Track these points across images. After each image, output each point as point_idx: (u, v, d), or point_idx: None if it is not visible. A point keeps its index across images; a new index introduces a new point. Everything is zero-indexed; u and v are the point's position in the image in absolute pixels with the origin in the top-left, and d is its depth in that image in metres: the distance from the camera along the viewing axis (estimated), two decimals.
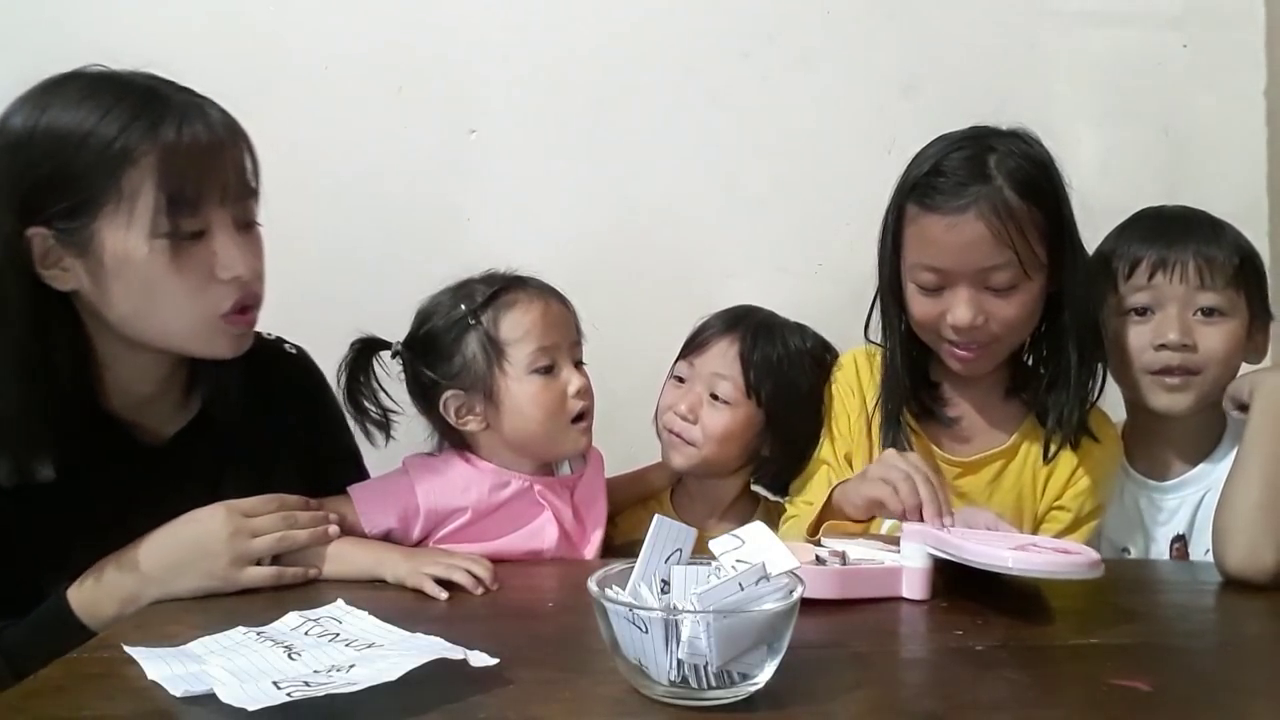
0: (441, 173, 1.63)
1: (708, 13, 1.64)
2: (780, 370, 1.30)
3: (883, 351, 1.27)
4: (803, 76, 1.65)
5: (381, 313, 1.19)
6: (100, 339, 1.01)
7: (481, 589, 1.00)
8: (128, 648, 0.78)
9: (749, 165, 1.65)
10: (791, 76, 1.65)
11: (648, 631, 0.69)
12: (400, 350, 1.17)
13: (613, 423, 1.26)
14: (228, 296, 1.00)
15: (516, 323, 1.14)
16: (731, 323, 1.33)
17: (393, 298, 1.21)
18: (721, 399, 1.29)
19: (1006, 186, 1.12)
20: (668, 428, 1.32)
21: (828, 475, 1.27)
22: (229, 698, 0.68)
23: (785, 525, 1.24)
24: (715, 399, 1.29)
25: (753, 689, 0.72)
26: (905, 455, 1.07)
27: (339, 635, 0.84)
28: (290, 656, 0.78)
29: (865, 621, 0.92)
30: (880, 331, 1.27)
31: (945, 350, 1.21)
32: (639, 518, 1.26)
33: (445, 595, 0.98)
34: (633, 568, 0.77)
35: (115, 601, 0.95)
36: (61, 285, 0.96)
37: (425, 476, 1.14)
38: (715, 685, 0.71)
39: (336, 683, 0.71)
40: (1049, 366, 1.22)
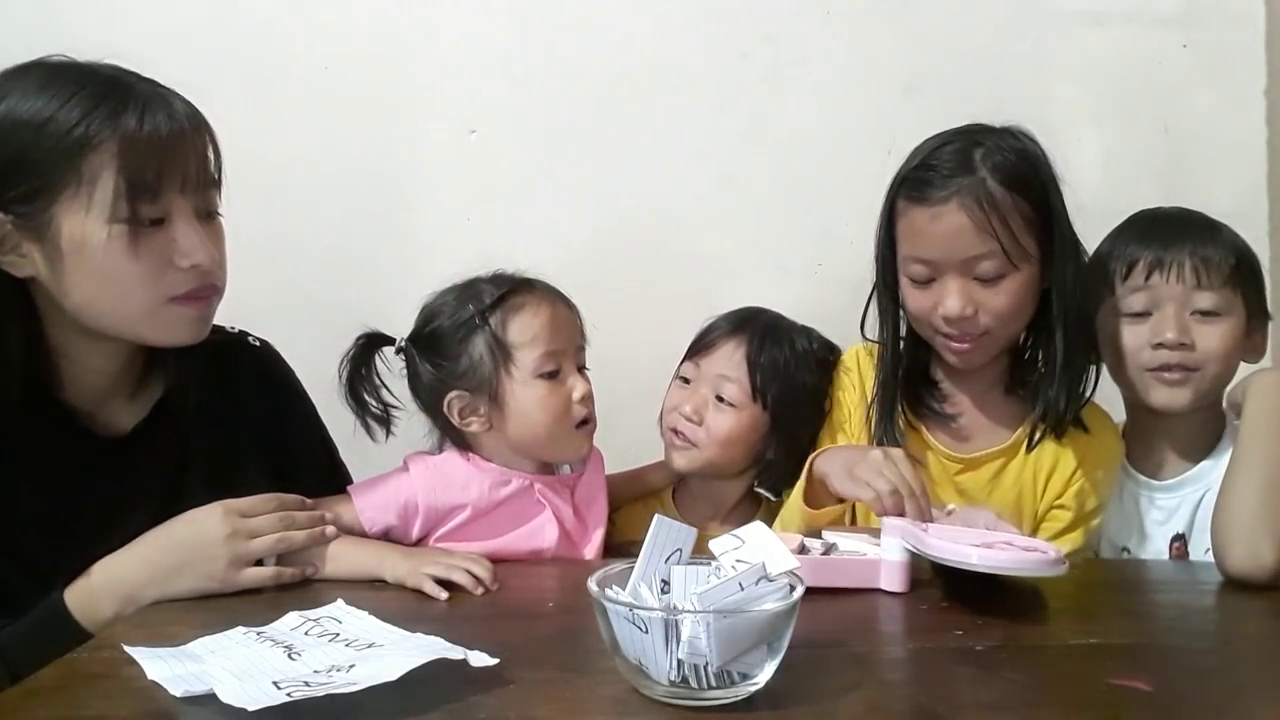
0: (441, 173, 1.64)
1: (708, 13, 1.64)
2: (786, 373, 1.30)
3: (879, 347, 1.28)
4: (803, 76, 1.65)
5: (381, 312, 1.19)
6: (56, 328, 1.00)
7: (481, 589, 1.00)
8: (128, 648, 0.78)
9: (749, 165, 1.65)
10: (791, 76, 1.65)
11: (648, 631, 0.69)
12: (405, 346, 1.17)
13: (614, 423, 1.26)
14: (184, 283, 0.99)
15: (525, 326, 1.14)
16: (738, 325, 1.33)
17: (392, 297, 1.22)
18: (727, 401, 1.29)
19: (990, 177, 1.13)
20: (672, 428, 1.32)
21: None
22: (229, 698, 0.68)
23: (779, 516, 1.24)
24: (721, 401, 1.29)
25: (753, 689, 0.72)
26: (893, 460, 1.07)
27: (339, 635, 0.84)
28: (290, 656, 0.78)
29: (865, 621, 0.92)
30: (877, 328, 1.28)
31: (941, 344, 1.21)
32: (638, 517, 1.26)
33: (445, 595, 0.98)
34: (633, 568, 0.77)
35: (113, 603, 0.95)
36: (18, 271, 0.96)
37: (425, 474, 1.14)
38: (715, 685, 0.71)
39: (336, 683, 0.71)
40: (1040, 358, 1.24)
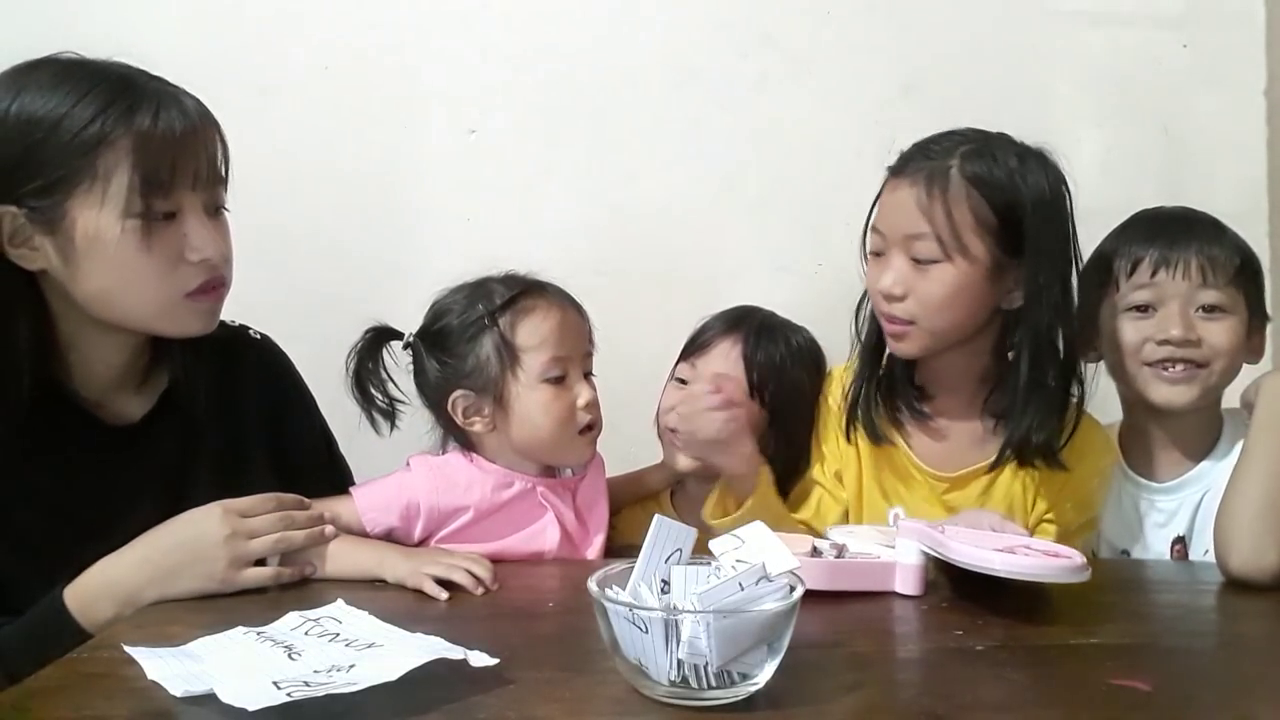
0: (441, 173, 1.64)
1: (707, 13, 1.64)
2: (783, 370, 1.30)
3: (859, 344, 1.28)
4: (803, 77, 1.65)
5: (381, 311, 1.19)
6: (64, 320, 1.01)
7: (481, 589, 1.00)
8: (128, 648, 0.78)
9: (749, 165, 1.65)
10: (791, 77, 1.65)
11: (648, 631, 0.69)
12: (412, 342, 1.17)
13: (613, 423, 1.25)
14: (195, 277, 1.01)
15: (534, 330, 1.13)
16: (733, 323, 1.33)
17: (392, 296, 1.22)
18: None
19: (956, 167, 1.13)
20: (670, 428, 1.32)
21: (821, 497, 1.28)
22: (229, 698, 0.68)
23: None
24: None
25: (753, 689, 0.72)
26: None
27: (339, 635, 0.84)
28: (290, 656, 0.78)
29: (865, 621, 0.92)
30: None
31: (883, 325, 1.21)
32: (638, 519, 1.26)
33: (445, 595, 0.98)
34: (633, 568, 0.77)
35: (112, 604, 0.95)
36: (30, 265, 0.97)
37: (428, 475, 1.14)
38: (715, 685, 0.71)
39: (336, 683, 0.71)
40: (1006, 385, 1.20)
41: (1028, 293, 1.15)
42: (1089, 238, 1.27)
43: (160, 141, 0.96)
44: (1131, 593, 1.06)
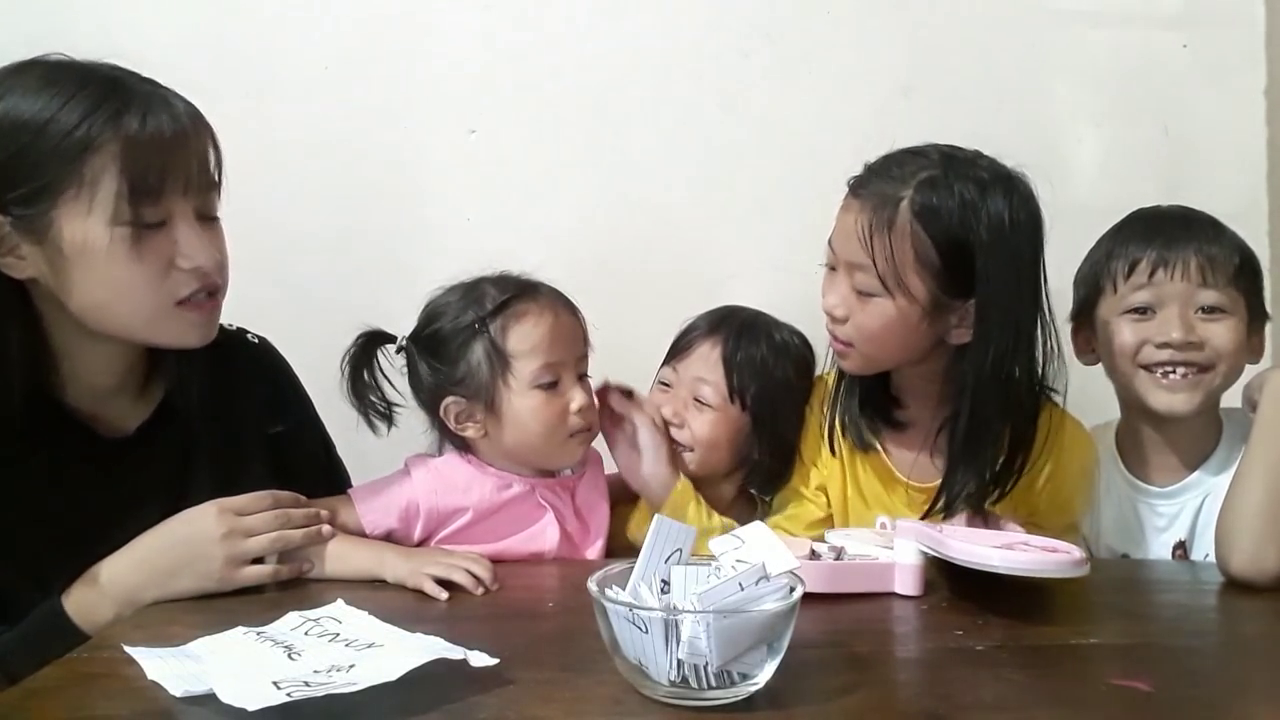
0: (441, 173, 1.64)
1: (708, 13, 1.64)
2: (764, 371, 1.28)
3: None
4: (803, 76, 1.65)
5: (381, 311, 1.19)
6: (57, 329, 1.00)
7: (481, 589, 1.00)
8: (128, 648, 0.78)
9: (749, 165, 1.65)
10: (791, 76, 1.65)
11: (648, 631, 0.69)
12: (406, 345, 1.17)
13: None
14: (186, 285, 0.98)
15: (525, 335, 1.13)
16: (714, 325, 1.32)
17: (393, 297, 1.21)
18: (704, 403, 1.27)
19: (908, 200, 1.09)
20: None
21: (799, 507, 1.28)
22: (229, 698, 0.68)
23: None
24: (699, 402, 1.28)
25: (753, 689, 0.72)
26: None
27: (339, 635, 0.84)
28: (290, 656, 0.78)
29: (865, 621, 0.92)
30: None
31: (830, 339, 1.20)
32: (638, 521, 1.25)
33: (445, 595, 0.98)
34: (633, 568, 0.77)
35: (112, 605, 0.95)
36: (17, 273, 0.95)
37: (427, 477, 1.14)
38: (715, 685, 0.71)
39: (336, 683, 0.71)
40: (949, 423, 1.16)
41: (976, 332, 1.10)
42: (1089, 237, 1.27)
43: (148, 147, 0.93)
44: (1131, 593, 1.06)
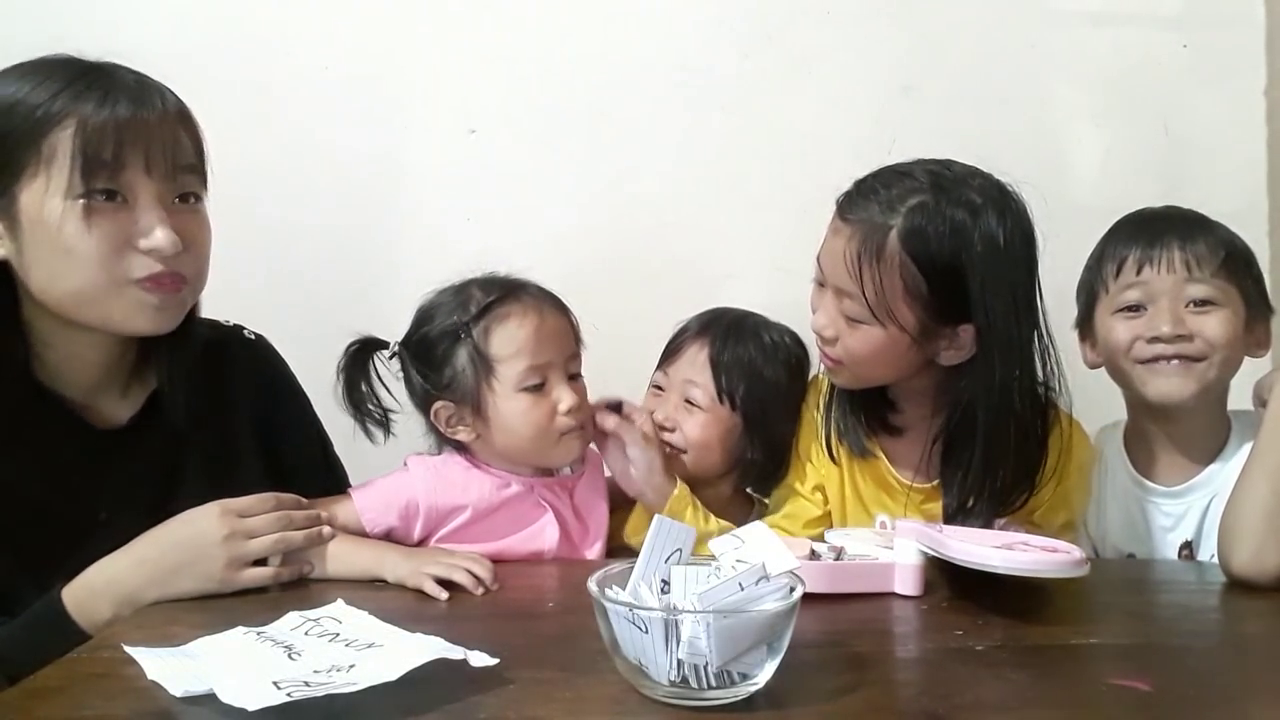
0: (441, 173, 1.64)
1: (709, 13, 1.64)
2: (753, 371, 1.27)
3: None
4: (803, 77, 1.65)
5: (381, 313, 1.19)
6: (38, 318, 1.00)
7: (482, 589, 1.00)
8: (128, 648, 0.78)
9: (749, 165, 1.65)
10: (791, 77, 1.65)
11: (648, 631, 0.69)
12: (398, 352, 1.17)
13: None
14: (145, 266, 0.97)
15: (508, 339, 1.12)
16: (702, 327, 1.32)
17: (392, 298, 1.22)
18: (695, 405, 1.27)
19: (896, 229, 1.08)
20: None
21: (796, 506, 1.27)
22: (229, 698, 0.68)
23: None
24: (690, 404, 1.27)
25: (753, 689, 0.72)
26: None
27: (339, 635, 0.84)
28: (290, 656, 0.78)
29: (865, 621, 0.92)
30: None
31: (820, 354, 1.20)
32: (634, 525, 1.25)
33: (445, 595, 0.98)
34: (633, 568, 0.77)
35: (111, 604, 0.95)
36: None
37: (426, 475, 1.14)
38: (715, 685, 0.71)
39: (336, 683, 0.71)
40: (952, 443, 1.16)
41: (977, 357, 1.11)
42: (1089, 237, 1.28)
43: (104, 124, 0.94)
44: (1132, 593, 1.06)
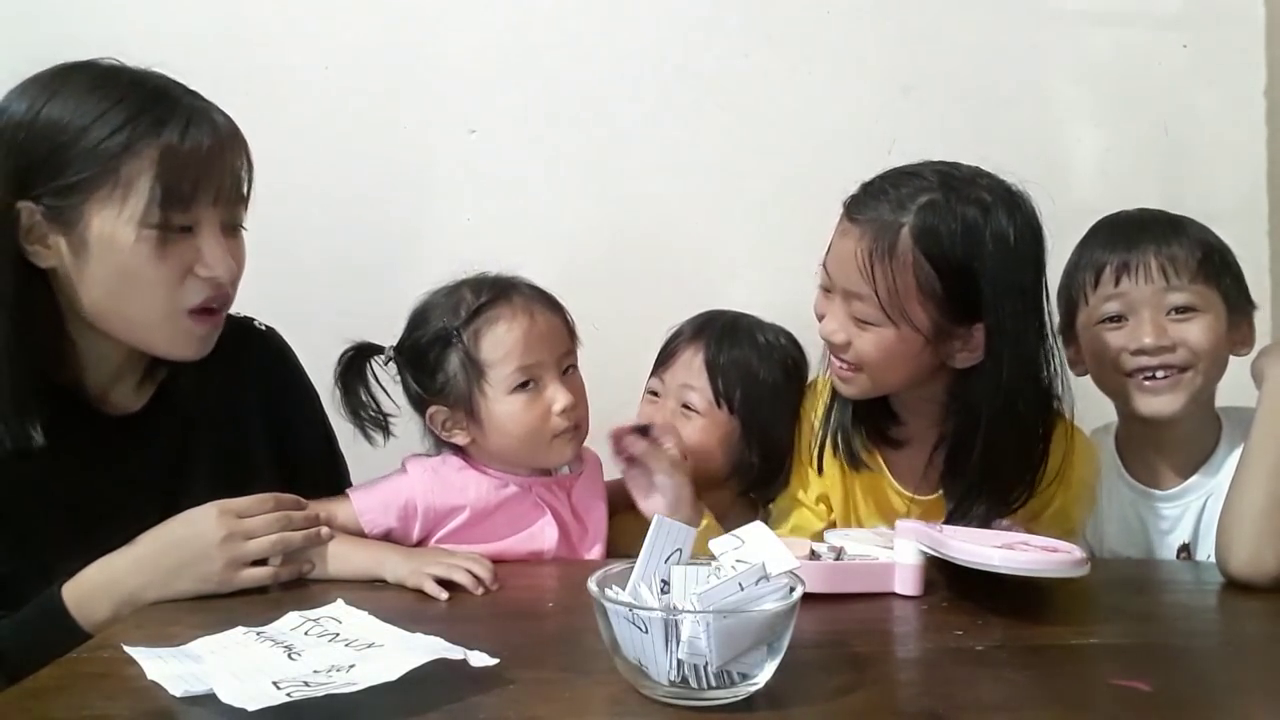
0: (441, 173, 1.64)
1: (708, 13, 1.64)
2: (749, 373, 1.26)
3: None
4: (803, 76, 1.65)
5: (381, 313, 1.19)
6: (69, 322, 1.01)
7: (482, 589, 1.00)
8: (128, 648, 0.78)
9: (749, 165, 1.65)
10: (791, 76, 1.65)
11: (648, 631, 0.69)
12: (394, 356, 1.17)
13: (612, 423, 1.25)
14: (199, 293, 1.01)
15: (498, 342, 1.12)
16: (697, 330, 1.30)
17: (393, 298, 1.21)
18: (692, 410, 1.26)
19: (908, 227, 1.06)
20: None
21: (801, 519, 1.26)
22: (229, 698, 0.68)
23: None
24: (687, 410, 1.26)
25: (753, 689, 0.72)
26: None
27: (339, 635, 0.84)
28: (290, 656, 0.78)
29: (865, 622, 0.92)
30: None
31: (831, 364, 1.17)
32: (631, 527, 1.24)
33: (446, 595, 0.98)
34: (633, 568, 0.77)
35: (110, 603, 0.95)
36: (42, 262, 0.97)
37: (424, 476, 1.14)
38: (715, 685, 0.71)
39: (336, 683, 0.71)
40: (956, 446, 1.14)
41: (986, 357, 1.09)
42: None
43: (186, 157, 0.96)
44: (1131, 593, 1.06)
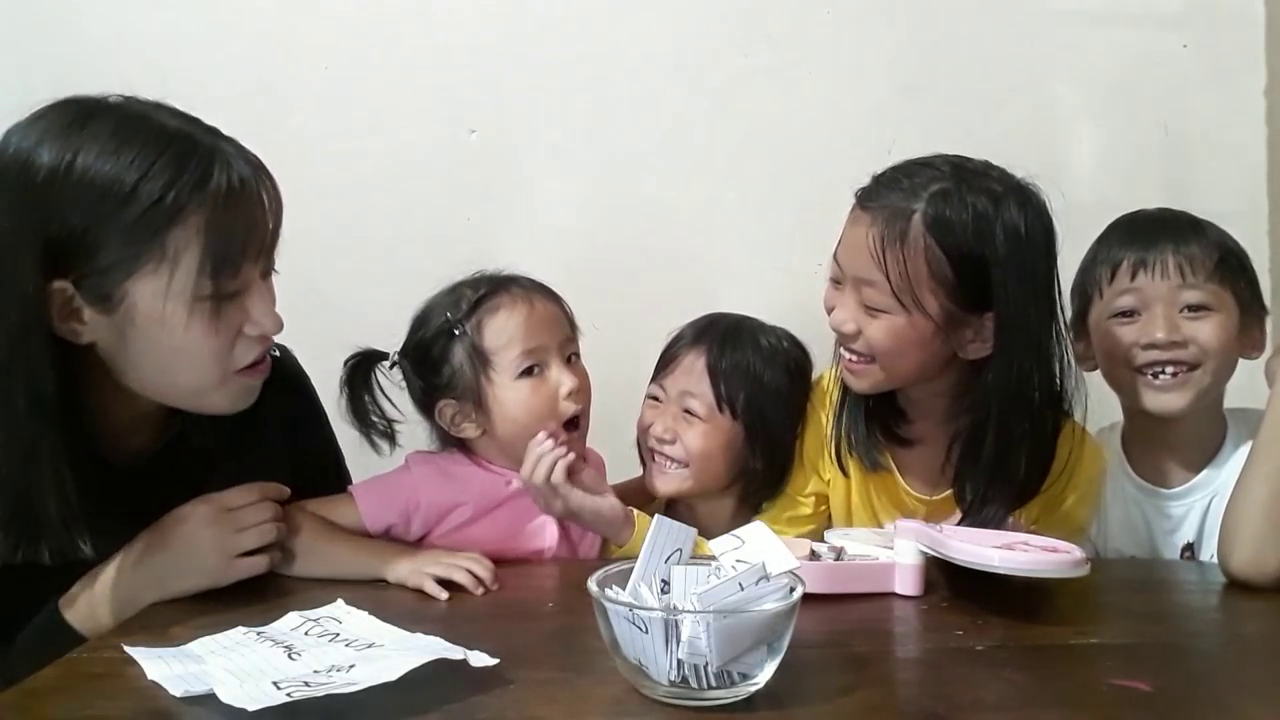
0: (441, 173, 1.64)
1: (708, 13, 1.64)
2: (752, 377, 1.24)
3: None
4: (803, 76, 1.65)
5: (382, 315, 1.19)
6: (106, 388, 0.95)
7: (482, 589, 1.00)
8: (128, 648, 0.78)
9: (749, 165, 1.65)
10: (791, 76, 1.65)
11: (648, 631, 0.69)
12: (399, 361, 1.17)
13: (614, 423, 1.26)
14: (250, 351, 0.96)
15: (500, 329, 1.13)
16: (698, 334, 1.29)
17: (393, 299, 1.21)
18: (694, 415, 1.24)
19: (920, 213, 1.06)
20: (650, 448, 1.27)
21: (787, 501, 1.25)
22: (229, 698, 0.68)
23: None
24: (689, 415, 1.25)
25: (753, 689, 0.72)
26: None
27: (339, 635, 0.84)
28: (290, 656, 0.78)
29: (865, 622, 0.92)
30: None
31: (842, 357, 1.16)
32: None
33: (446, 595, 0.98)
34: (633, 568, 0.77)
35: (112, 610, 0.95)
36: (78, 340, 0.91)
37: (427, 472, 1.15)
38: (715, 685, 0.71)
39: (336, 683, 0.71)
40: (969, 440, 1.13)
41: (996, 349, 1.08)
42: (1089, 237, 1.27)
43: (232, 222, 0.90)
44: (1131, 593, 1.06)
